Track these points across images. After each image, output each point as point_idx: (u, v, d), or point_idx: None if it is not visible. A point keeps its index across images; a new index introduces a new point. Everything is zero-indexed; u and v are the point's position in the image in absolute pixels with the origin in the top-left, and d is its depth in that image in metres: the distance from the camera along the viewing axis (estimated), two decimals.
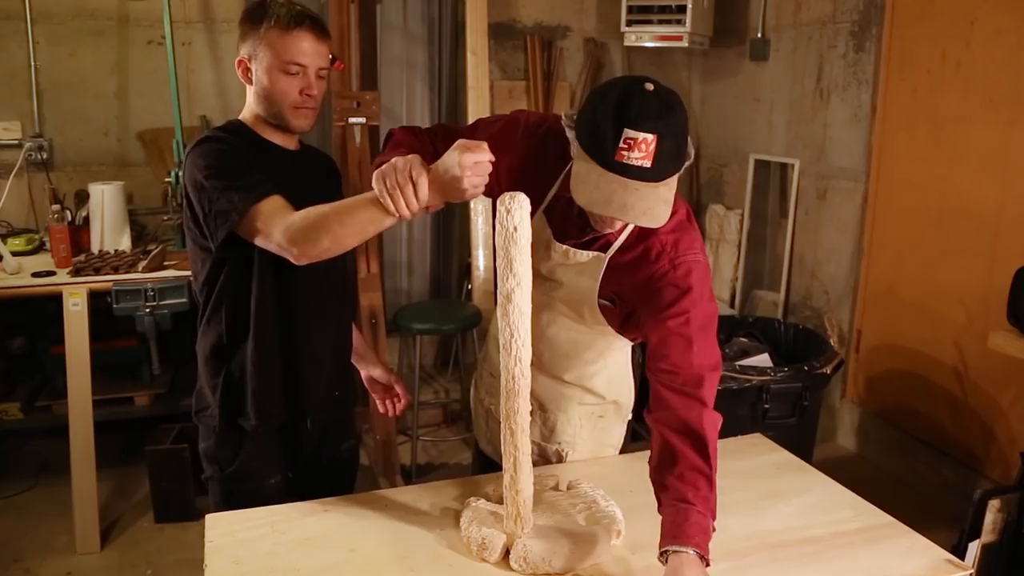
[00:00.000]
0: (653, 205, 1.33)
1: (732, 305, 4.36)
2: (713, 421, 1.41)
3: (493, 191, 1.62)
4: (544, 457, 1.81)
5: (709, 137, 4.70)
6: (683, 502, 1.33)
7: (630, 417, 1.90)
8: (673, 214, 1.46)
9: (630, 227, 1.52)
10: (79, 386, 2.90)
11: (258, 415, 1.75)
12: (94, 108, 3.75)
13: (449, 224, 4.53)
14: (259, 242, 1.54)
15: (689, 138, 1.37)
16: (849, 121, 3.70)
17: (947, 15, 3.20)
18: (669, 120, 1.31)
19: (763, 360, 3.22)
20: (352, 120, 3.09)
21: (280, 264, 1.69)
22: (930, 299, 3.36)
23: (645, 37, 4.13)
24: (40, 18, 3.60)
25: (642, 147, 1.28)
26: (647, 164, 1.29)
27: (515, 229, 1.26)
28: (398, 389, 2.03)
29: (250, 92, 1.73)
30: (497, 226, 1.27)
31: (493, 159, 1.33)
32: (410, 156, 1.36)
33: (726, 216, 4.46)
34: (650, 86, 1.33)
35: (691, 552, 1.27)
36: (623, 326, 1.61)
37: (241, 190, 1.55)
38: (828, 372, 3.08)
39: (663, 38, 4.10)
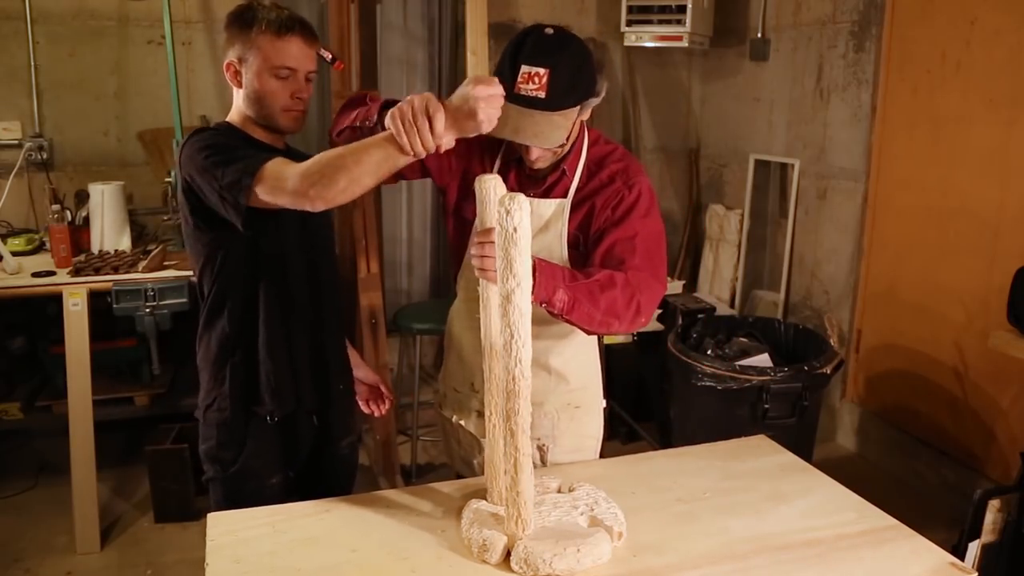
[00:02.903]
0: (545, 129, 1.52)
1: (732, 305, 4.36)
2: (636, 280, 1.55)
3: (443, 174, 1.78)
4: None
5: (709, 137, 4.70)
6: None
7: (604, 404, 1.92)
8: (615, 149, 1.73)
9: (580, 169, 1.69)
10: (79, 386, 2.90)
11: (273, 400, 1.77)
12: (94, 108, 3.74)
13: None
14: (272, 197, 1.51)
15: (598, 75, 1.58)
16: (849, 121, 3.70)
17: (947, 15, 3.20)
18: (561, 57, 1.52)
19: (763, 360, 3.22)
20: None
21: (284, 251, 1.74)
22: (930, 299, 3.36)
23: (645, 37, 4.13)
24: (40, 18, 3.60)
25: (535, 80, 1.49)
26: (541, 95, 1.49)
27: (515, 230, 1.25)
28: (383, 389, 2.05)
29: (238, 95, 1.75)
30: (496, 227, 1.27)
31: (504, 92, 1.40)
32: (425, 93, 1.39)
33: (726, 216, 4.46)
34: (549, 30, 1.54)
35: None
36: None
37: (245, 159, 1.56)
38: (828, 372, 3.08)
39: (663, 38, 4.09)
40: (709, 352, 3.28)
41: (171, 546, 2.98)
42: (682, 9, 4.00)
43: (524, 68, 1.50)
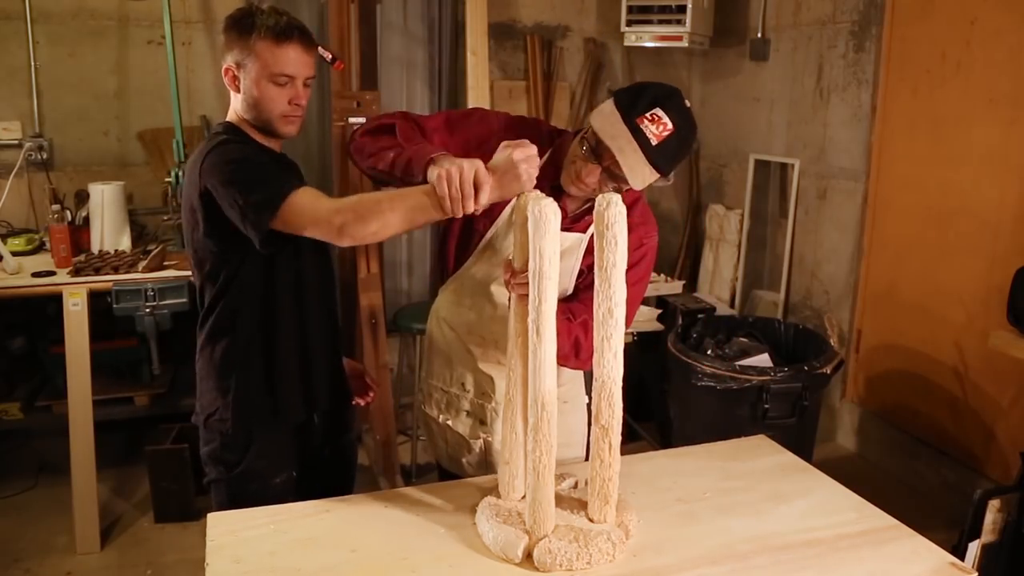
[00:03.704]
0: (638, 169, 1.55)
1: (732, 305, 4.36)
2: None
3: None
4: None
5: (709, 137, 4.70)
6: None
7: (587, 400, 1.92)
8: (639, 199, 1.75)
9: None
10: (79, 386, 2.90)
11: (287, 410, 1.77)
12: (94, 108, 3.74)
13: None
14: (298, 224, 1.53)
15: (676, 168, 1.62)
16: (849, 121, 3.70)
17: (947, 15, 3.20)
18: (687, 129, 1.57)
19: (763, 360, 3.22)
20: (352, 120, 3.09)
21: (301, 267, 1.75)
22: (930, 299, 3.36)
23: (645, 37, 4.13)
24: (40, 18, 3.60)
25: (659, 126, 1.53)
26: (653, 141, 1.53)
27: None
28: (367, 380, 2.06)
29: (236, 99, 1.74)
30: (531, 227, 1.35)
31: (536, 150, 1.44)
32: (476, 162, 1.42)
33: (726, 216, 4.46)
34: (688, 103, 1.60)
35: None
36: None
37: (277, 181, 1.57)
38: (828, 372, 3.08)
39: (663, 38, 4.10)
40: (709, 352, 3.28)
41: (171, 546, 2.98)
42: (682, 9, 4.00)
43: (659, 111, 1.54)
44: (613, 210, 1.34)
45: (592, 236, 1.66)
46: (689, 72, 4.71)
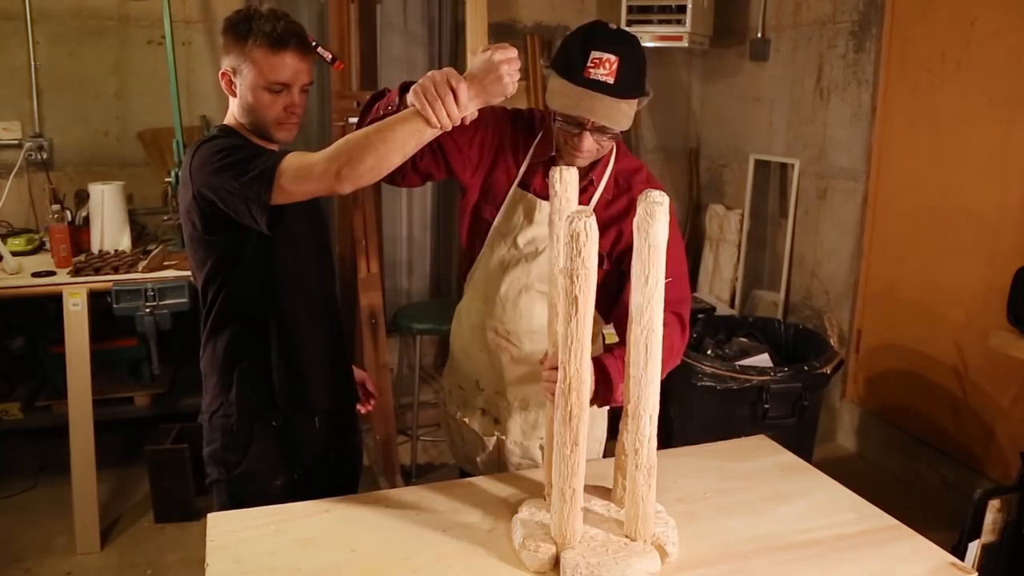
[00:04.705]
0: (614, 112, 1.54)
1: (732, 305, 4.36)
2: (677, 306, 1.61)
3: (466, 169, 1.74)
4: (528, 457, 1.82)
5: (709, 137, 4.70)
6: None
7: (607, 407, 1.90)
8: (641, 167, 1.74)
9: (606, 178, 1.69)
10: (79, 386, 2.90)
11: (288, 405, 1.77)
12: (94, 108, 3.74)
13: (449, 224, 4.53)
14: (299, 185, 1.50)
15: (647, 79, 1.60)
16: (849, 121, 3.70)
17: (947, 15, 3.20)
18: (629, 47, 1.56)
19: (763, 360, 3.22)
20: (352, 120, 3.09)
21: (297, 256, 1.75)
22: (930, 299, 3.36)
23: (645, 37, 4.12)
24: (40, 18, 3.60)
25: (606, 65, 1.52)
26: (611, 80, 1.52)
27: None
28: (368, 386, 2.06)
29: (233, 103, 1.74)
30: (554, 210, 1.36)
31: (516, 52, 1.43)
32: (446, 68, 1.42)
33: (726, 216, 4.46)
34: (613, 25, 1.59)
35: None
36: (602, 293, 1.69)
37: (265, 155, 1.56)
38: (828, 372, 3.08)
39: (663, 38, 4.09)
40: (709, 352, 3.28)
41: (171, 546, 2.98)
42: (682, 9, 4.00)
43: (595, 54, 1.52)
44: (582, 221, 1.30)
45: (596, 210, 1.64)
46: (689, 72, 4.71)
